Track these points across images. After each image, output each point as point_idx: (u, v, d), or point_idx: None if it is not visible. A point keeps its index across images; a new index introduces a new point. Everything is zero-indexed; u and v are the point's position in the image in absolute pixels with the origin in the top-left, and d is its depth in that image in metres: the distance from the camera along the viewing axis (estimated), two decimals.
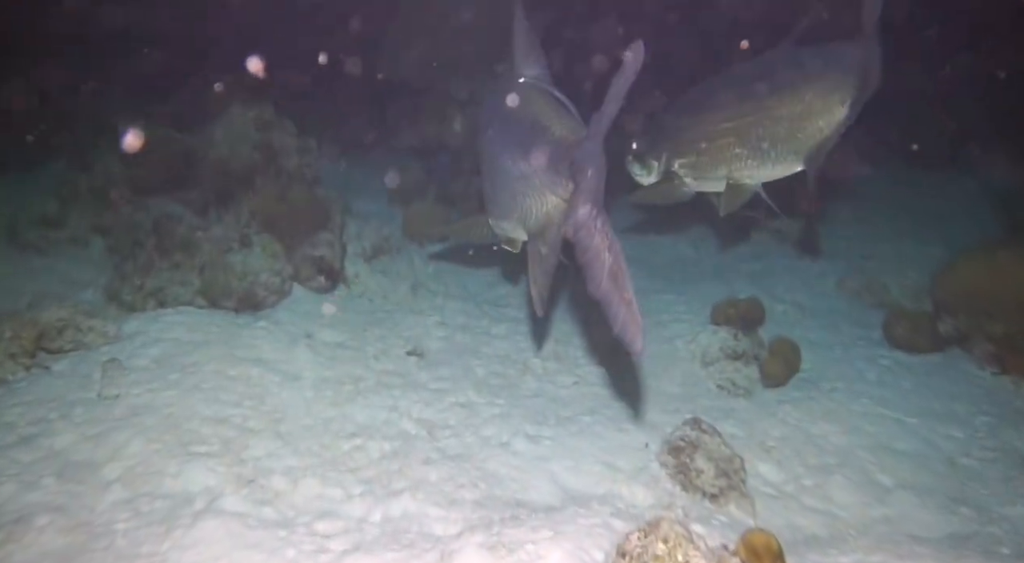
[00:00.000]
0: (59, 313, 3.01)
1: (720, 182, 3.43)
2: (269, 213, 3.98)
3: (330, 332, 3.69)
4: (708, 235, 6.17)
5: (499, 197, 2.73)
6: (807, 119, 3.13)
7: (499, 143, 2.64)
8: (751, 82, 3.23)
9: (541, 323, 4.21)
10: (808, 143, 3.17)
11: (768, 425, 3.29)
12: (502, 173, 2.61)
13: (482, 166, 2.98)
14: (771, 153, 3.23)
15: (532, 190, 2.44)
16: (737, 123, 3.22)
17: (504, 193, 2.65)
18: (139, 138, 4.34)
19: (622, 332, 2.07)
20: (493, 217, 2.95)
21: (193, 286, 3.69)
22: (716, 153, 3.31)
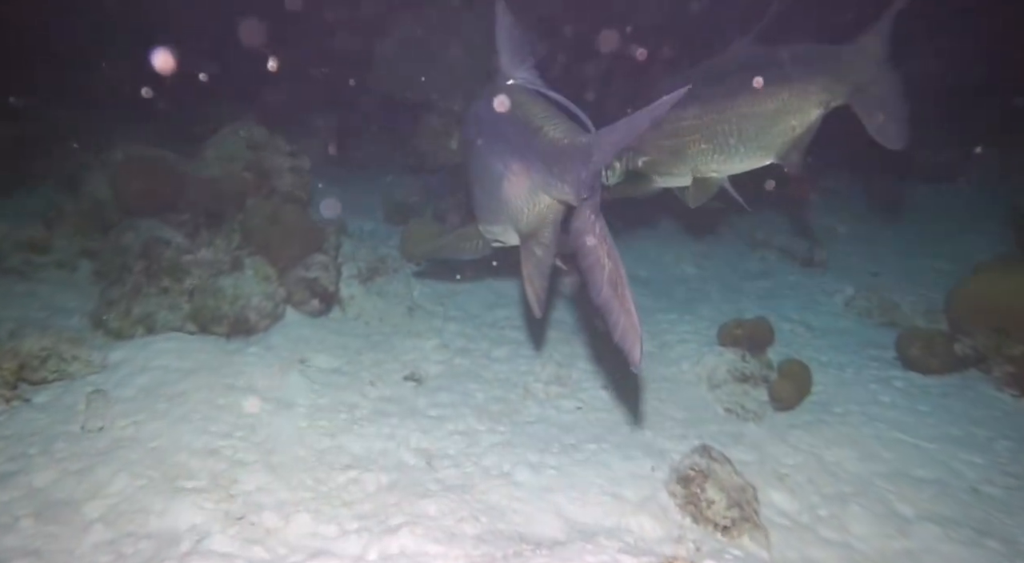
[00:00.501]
0: (42, 342, 2.89)
1: (686, 177, 3.44)
2: (261, 235, 3.87)
3: (325, 357, 3.57)
4: (712, 253, 6.09)
5: (489, 200, 2.68)
6: (780, 118, 3.16)
7: (488, 146, 2.61)
8: (721, 80, 3.22)
9: (543, 345, 4.10)
10: (778, 140, 3.19)
11: (780, 451, 3.16)
12: (492, 176, 2.57)
13: (470, 172, 2.93)
14: (739, 148, 3.25)
15: (524, 191, 2.41)
16: (703, 121, 3.24)
17: (494, 196, 2.60)
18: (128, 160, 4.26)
19: (621, 340, 2.04)
20: (483, 222, 2.90)
21: (182, 311, 3.58)
22: (681, 150, 3.32)
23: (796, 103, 3.13)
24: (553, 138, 2.24)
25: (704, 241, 6.47)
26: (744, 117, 3.18)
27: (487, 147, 2.64)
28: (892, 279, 5.07)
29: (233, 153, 4.46)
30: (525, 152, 2.34)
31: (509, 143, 2.45)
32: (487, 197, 2.71)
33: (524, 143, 2.34)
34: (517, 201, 2.49)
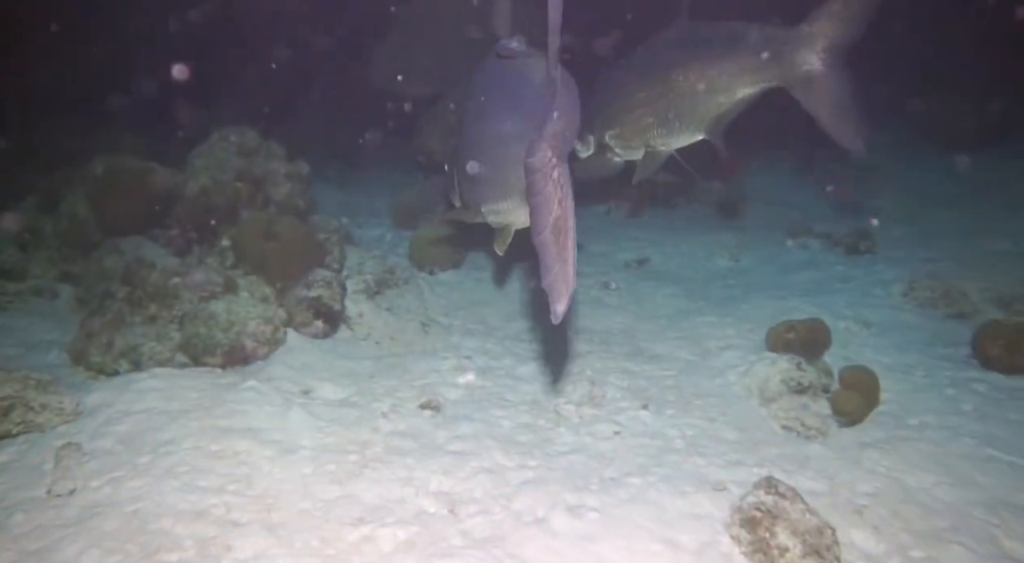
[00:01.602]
0: (4, 389, 2.53)
1: (640, 151, 3.58)
2: (256, 253, 3.50)
3: (331, 387, 3.20)
4: (746, 243, 5.63)
5: (499, 175, 2.55)
6: (709, 94, 3.27)
7: (500, 118, 2.48)
8: (667, 56, 3.36)
9: (572, 359, 3.69)
10: (709, 115, 3.31)
11: (854, 477, 2.74)
12: (503, 148, 2.43)
13: (469, 151, 2.74)
14: (677, 123, 3.38)
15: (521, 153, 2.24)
16: (648, 95, 3.39)
17: (496, 167, 2.51)
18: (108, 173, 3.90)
19: (550, 288, 1.98)
20: (491, 201, 2.73)
21: (172, 341, 3.22)
22: (635, 124, 3.47)
23: (723, 80, 3.23)
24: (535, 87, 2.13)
25: (736, 230, 6.02)
26: (678, 93, 3.29)
27: (502, 119, 2.49)
28: (951, 264, 4.59)
29: (223, 161, 4.09)
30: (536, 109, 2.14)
31: (527, 109, 2.27)
32: (500, 172, 2.55)
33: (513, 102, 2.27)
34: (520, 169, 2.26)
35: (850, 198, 6.35)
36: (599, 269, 5.05)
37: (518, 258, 4.77)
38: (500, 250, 2.83)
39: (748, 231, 6.01)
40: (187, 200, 4.00)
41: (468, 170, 2.73)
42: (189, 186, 4.02)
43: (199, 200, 3.97)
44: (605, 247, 5.53)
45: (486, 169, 2.64)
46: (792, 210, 6.60)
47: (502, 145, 2.47)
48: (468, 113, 2.86)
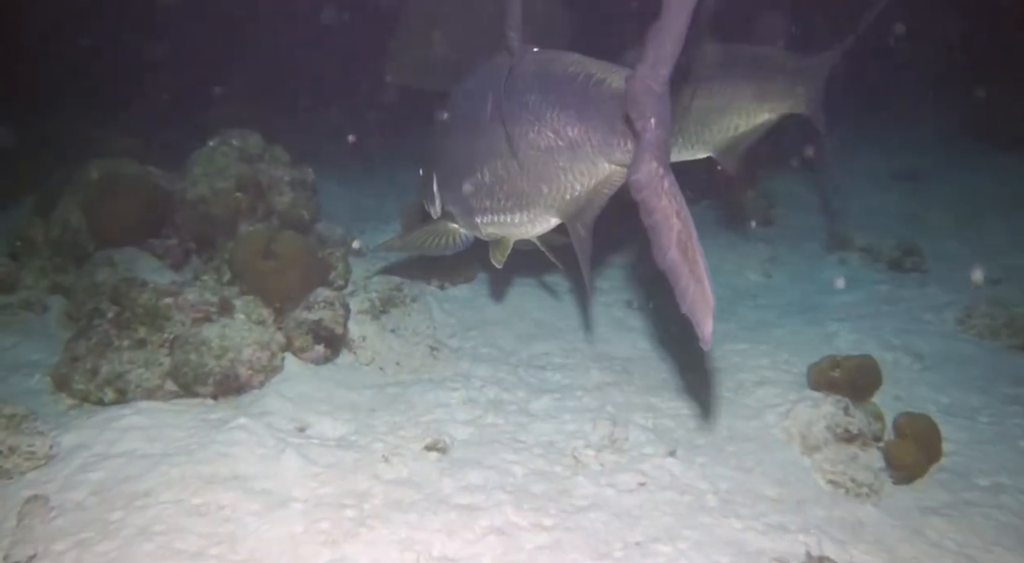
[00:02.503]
0: None
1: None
2: (254, 273, 3.24)
3: (330, 422, 2.94)
4: (780, 256, 5.27)
5: (513, 184, 2.40)
6: (723, 115, 3.24)
7: (518, 117, 2.30)
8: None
9: (591, 391, 3.40)
10: (718, 136, 3.29)
11: (917, 552, 2.42)
12: (524, 151, 2.28)
13: (469, 157, 2.57)
14: (677, 139, 3.29)
15: (579, 160, 2.16)
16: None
17: (524, 176, 2.34)
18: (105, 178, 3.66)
19: (691, 312, 1.78)
20: (502, 212, 2.55)
21: (161, 367, 2.98)
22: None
23: (740, 104, 3.21)
24: (616, 88, 1.94)
25: (767, 240, 5.64)
26: (684, 110, 3.20)
27: (520, 118, 2.30)
28: (1014, 286, 4.19)
29: (223, 168, 3.83)
30: (589, 110, 2.05)
31: (562, 105, 2.13)
32: (515, 180, 2.40)
33: (584, 100, 2.05)
34: (568, 176, 2.22)
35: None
36: (620, 284, 4.73)
37: (533, 272, 4.47)
38: (499, 263, 2.70)
39: (780, 242, 5.63)
40: (185, 208, 3.75)
41: (474, 178, 2.53)
42: (188, 194, 3.77)
43: (197, 209, 3.71)
44: (625, 258, 5.20)
45: (503, 182, 2.44)
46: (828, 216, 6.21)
47: (532, 156, 2.29)
48: (466, 115, 2.62)
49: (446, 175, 2.84)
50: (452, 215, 2.91)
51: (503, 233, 2.69)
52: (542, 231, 2.62)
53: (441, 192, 2.94)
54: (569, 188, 2.27)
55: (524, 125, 2.28)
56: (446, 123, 2.86)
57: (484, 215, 2.64)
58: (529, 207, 2.44)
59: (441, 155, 2.91)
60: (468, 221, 2.78)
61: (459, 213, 2.83)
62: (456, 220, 2.92)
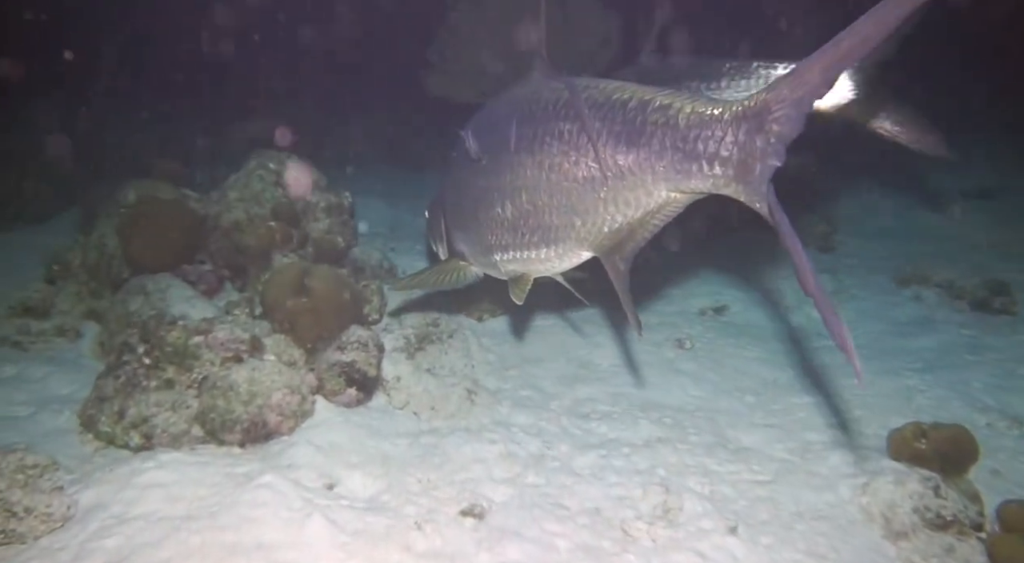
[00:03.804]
0: None
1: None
2: (285, 310, 3.08)
3: (360, 478, 2.75)
4: (845, 289, 4.89)
5: (540, 218, 2.33)
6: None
7: (550, 147, 2.24)
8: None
9: (640, 447, 3.13)
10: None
11: None
12: (558, 185, 2.23)
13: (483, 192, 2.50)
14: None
15: (628, 189, 2.08)
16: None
17: (554, 209, 2.27)
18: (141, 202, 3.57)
19: (842, 346, 1.69)
20: (519, 249, 2.48)
21: (188, 410, 2.84)
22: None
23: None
24: (694, 110, 1.89)
25: (829, 270, 5.25)
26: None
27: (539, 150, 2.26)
28: None
29: (259, 192, 3.69)
30: (635, 139, 1.99)
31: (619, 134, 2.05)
32: (538, 216, 2.33)
33: (629, 130, 2.00)
34: (613, 207, 2.14)
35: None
36: (670, 319, 4.44)
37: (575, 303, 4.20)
38: (520, 299, 2.62)
39: (844, 272, 5.25)
40: (220, 235, 3.63)
41: (492, 214, 2.43)
42: (223, 219, 3.65)
43: (231, 237, 3.59)
44: (675, 289, 4.90)
45: (523, 212, 2.37)
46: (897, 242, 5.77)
47: (574, 185, 2.20)
48: (484, 149, 2.52)
49: (457, 214, 2.73)
50: (463, 255, 2.81)
51: (525, 270, 2.57)
52: (569, 267, 2.51)
53: (450, 232, 2.84)
54: (609, 220, 2.17)
55: (557, 155, 2.19)
56: (457, 162, 2.74)
57: (505, 252, 2.54)
58: (558, 242, 2.34)
59: (452, 193, 2.79)
60: (484, 260, 2.67)
61: (473, 253, 2.72)
62: (467, 259, 2.82)
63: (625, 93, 2.06)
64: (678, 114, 1.93)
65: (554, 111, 2.24)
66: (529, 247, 2.46)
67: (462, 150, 2.71)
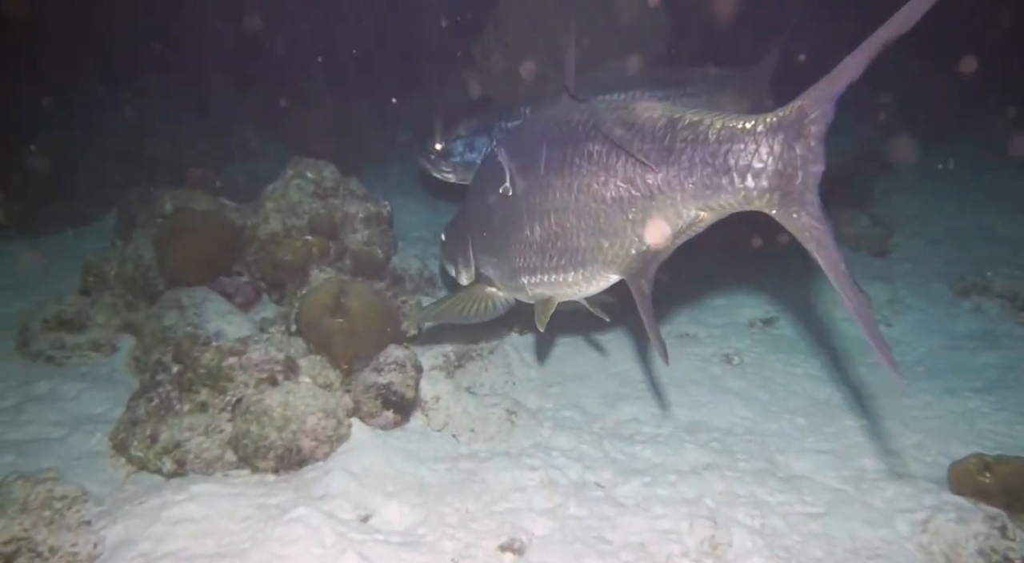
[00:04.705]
0: (13, 525, 2.16)
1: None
2: (321, 330, 3.00)
3: (396, 507, 2.67)
4: (901, 298, 4.64)
5: (568, 240, 2.31)
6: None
7: (578, 168, 2.22)
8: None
9: (686, 474, 2.99)
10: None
11: None
12: (581, 206, 2.21)
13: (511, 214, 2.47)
14: None
15: (658, 210, 2.05)
16: None
17: (583, 231, 2.25)
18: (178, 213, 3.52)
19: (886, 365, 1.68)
20: (547, 272, 2.44)
21: (222, 435, 2.79)
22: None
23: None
24: (724, 125, 1.88)
25: (884, 278, 4.98)
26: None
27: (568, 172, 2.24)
28: None
29: (296, 204, 3.62)
30: (665, 157, 1.98)
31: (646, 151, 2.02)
32: (567, 238, 2.31)
33: (659, 148, 1.99)
34: (640, 229, 2.12)
35: None
36: (718, 331, 4.26)
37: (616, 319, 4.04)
38: (543, 325, 2.56)
39: (900, 280, 4.98)
40: (256, 247, 3.57)
41: (521, 236, 2.41)
42: (260, 231, 3.59)
43: (268, 250, 3.53)
44: (721, 299, 4.70)
45: (551, 235, 2.34)
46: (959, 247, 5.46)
47: (602, 207, 2.17)
48: (511, 172, 2.49)
49: (485, 236, 2.67)
50: (488, 279, 2.76)
51: (552, 293, 2.52)
52: (597, 290, 2.46)
53: (477, 255, 2.79)
54: (637, 242, 2.16)
55: (586, 176, 2.18)
56: (482, 183, 2.68)
57: (532, 275, 2.49)
58: (586, 265, 2.33)
59: (479, 215, 2.72)
60: (512, 283, 2.61)
61: (501, 276, 2.67)
62: (493, 284, 2.77)
63: (655, 112, 2.04)
64: (708, 130, 1.91)
65: (583, 132, 2.22)
66: (557, 270, 2.43)
67: (488, 171, 2.65)
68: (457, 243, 2.88)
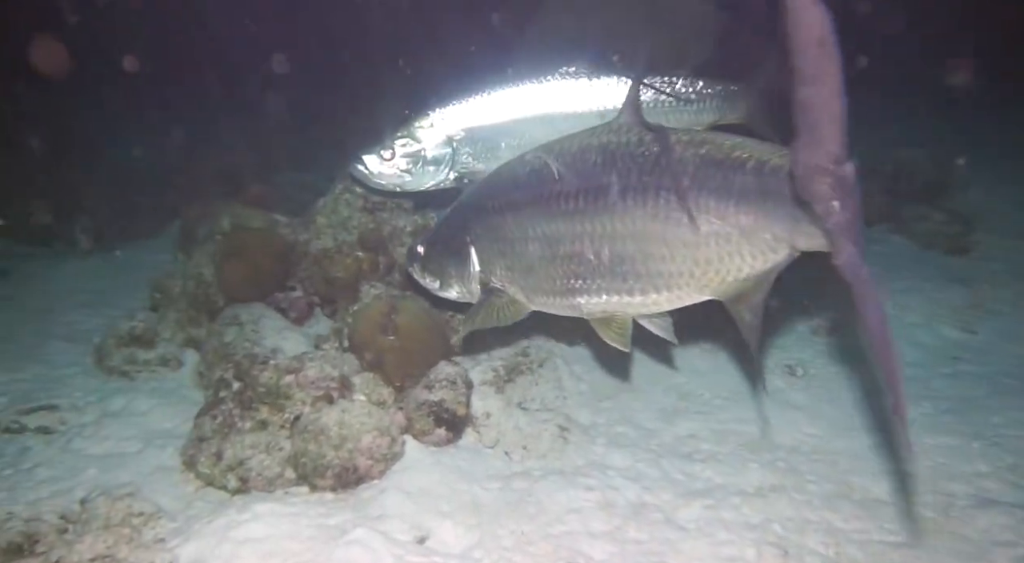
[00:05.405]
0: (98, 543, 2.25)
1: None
2: (373, 348, 3.02)
3: (451, 528, 2.65)
4: (984, 302, 4.32)
5: (652, 263, 2.37)
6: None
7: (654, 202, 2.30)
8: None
9: (749, 496, 2.86)
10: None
11: None
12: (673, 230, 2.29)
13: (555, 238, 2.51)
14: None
15: (753, 244, 2.21)
16: None
17: (672, 259, 2.33)
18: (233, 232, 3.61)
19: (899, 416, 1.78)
20: (616, 293, 2.47)
21: (281, 453, 2.84)
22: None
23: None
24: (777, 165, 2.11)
25: (966, 280, 4.66)
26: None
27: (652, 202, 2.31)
28: None
29: (347, 218, 3.65)
30: (756, 199, 2.15)
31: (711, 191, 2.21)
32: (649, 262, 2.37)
33: (749, 190, 2.16)
34: (738, 259, 2.25)
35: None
36: (778, 340, 4.07)
37: None
38: (626, 345, 2.60)
39: (983, 281, 4.64)
40: (309, 262, 3.63)
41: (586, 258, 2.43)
42: (312, 246, 3.64)
43: (321, 264, 3.57)
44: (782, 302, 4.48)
45: (629, 258, 2.38)
46: None
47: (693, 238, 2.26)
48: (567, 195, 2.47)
49: (507, 255, 2.68)
50: (510, 293, 2.77)
51: (617, 311, 2.55)
52: (679, 306, 2.51)
53: (487, 271, 2.78)
54: (735, 271, 2.27)
55: (676, 209, 2.24)
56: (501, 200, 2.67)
57: (595, 296, 2.52)
58: (671, 288, 2.40)
59: (493, 233, 2.71)
60: (555, 301, 2.64)
61: (534, 292, 2.69)
62: (516, 297, 2.77)
63: (744, 152, 2.19)
64: (784, 173, 2.05)
65: (664, 163, 2.28)
66: (632, 292, 2.46)
67: (511, 187, 2.66)
68: (451, 257, 2.86)
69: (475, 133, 3.32)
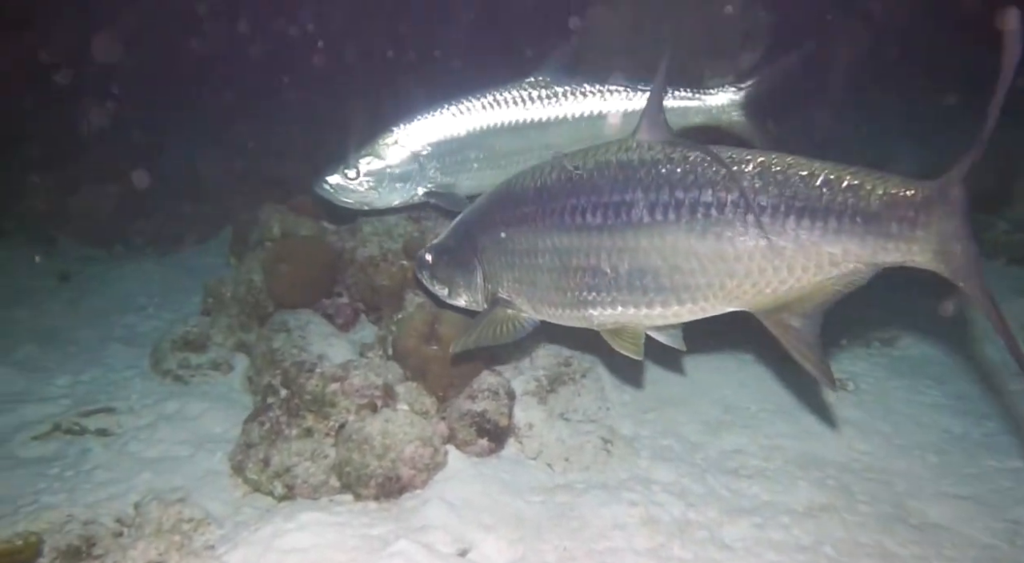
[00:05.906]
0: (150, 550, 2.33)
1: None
2: (416, 358, 3.04)
3: (494, 542, 2.64)
4: None
5: (680, 277, 2.35)
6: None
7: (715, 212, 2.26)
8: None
9: (798, 517, 2.77)
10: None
11: None
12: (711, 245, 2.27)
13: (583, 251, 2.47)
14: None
15: (808, 258, 2.21)
16: None
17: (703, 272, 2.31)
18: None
19: None
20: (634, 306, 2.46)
21: (326, 461, 2.89)
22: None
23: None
24: (887, 191, 2.11)
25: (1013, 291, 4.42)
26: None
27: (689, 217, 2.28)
28: None
29: (392, 227, 3.69)
30: (822, 215, 2.16)
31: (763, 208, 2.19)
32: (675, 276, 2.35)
33: (815, 206, 2.16)
34: (785, 273, 2.23)
35: None
36: (829, 351, 3.93)
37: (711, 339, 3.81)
38: (640, 354, 2.60)
39: None
40: (355, 269, 3.68)
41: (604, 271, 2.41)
42: (358, 254, 3.69)
43: (367, 272, 3.62)
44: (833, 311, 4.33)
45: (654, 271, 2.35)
46: None
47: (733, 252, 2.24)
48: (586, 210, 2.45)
49: (515, 266, 2.67)
50: (507, 302, 2.75)
51: (632, 323, 2.55)
52: (702, 317, 2.47)
53: (494, 281, 2.77)
54: (776, 284, 2.26)
55: (718, 224, 2.23)
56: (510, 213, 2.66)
57: (608, 308, 2.51)
58: (696, 301, 2.38)
59: (499, 244, 2.70)
60: (566, 313, 2.64)
61: (542, 304, 2.67)
62: (513, 306, 2.76)
63: (807, 169, 2.18)
64: (870, 195, 2.10)
65: (703, 178, 2.26)
66: (652, 305, 2.43)
67: (516, 200, 2.64)
68: (458, 267, 2.87)
69: (441, 147, 3.30)
